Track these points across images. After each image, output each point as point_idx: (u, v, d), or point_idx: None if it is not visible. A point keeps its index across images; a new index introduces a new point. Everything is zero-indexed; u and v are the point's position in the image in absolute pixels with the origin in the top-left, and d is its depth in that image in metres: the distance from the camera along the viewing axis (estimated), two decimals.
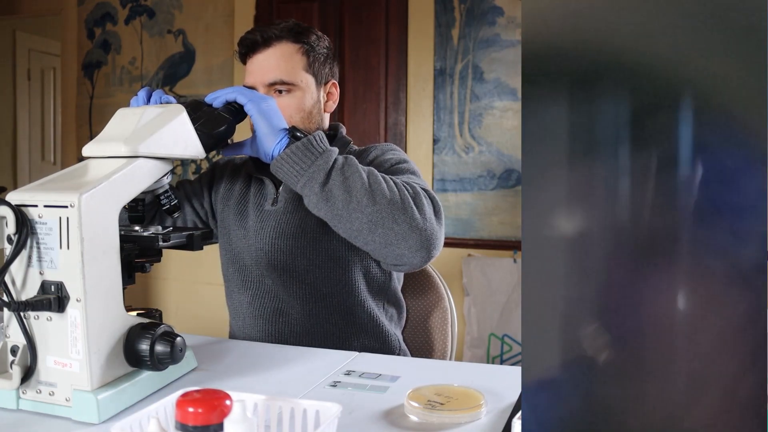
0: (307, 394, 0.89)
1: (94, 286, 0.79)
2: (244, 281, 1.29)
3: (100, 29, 3.47)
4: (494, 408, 0.83)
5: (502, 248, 2.74)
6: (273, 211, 1.27)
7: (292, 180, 1.04)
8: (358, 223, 1.01)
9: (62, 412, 0.80)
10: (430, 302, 1.42)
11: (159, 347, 0.84)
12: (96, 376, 0.79)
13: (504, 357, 2.69)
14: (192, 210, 1.38)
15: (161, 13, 3.33)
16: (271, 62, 1.24)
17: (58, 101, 4.39)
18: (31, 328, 0.81)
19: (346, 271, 1.24)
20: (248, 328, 1.28)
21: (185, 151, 0.99)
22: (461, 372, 1.03)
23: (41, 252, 0.79)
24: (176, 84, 3.28)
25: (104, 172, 0.85)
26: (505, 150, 2.73)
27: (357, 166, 1.04)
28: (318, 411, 0.66)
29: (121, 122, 0.96)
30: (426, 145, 2.84)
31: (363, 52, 2.90)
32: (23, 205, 0.80)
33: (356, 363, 1.03)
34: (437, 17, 2.80)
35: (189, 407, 0.51)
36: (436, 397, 0.82)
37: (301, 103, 1.26)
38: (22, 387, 0.81)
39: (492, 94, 2.74)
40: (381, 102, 2.90)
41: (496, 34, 2.72)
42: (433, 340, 1.41)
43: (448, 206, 2.79)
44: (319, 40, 1.29)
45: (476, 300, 2.72)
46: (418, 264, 1.06)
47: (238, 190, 1.34)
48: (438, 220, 1.06)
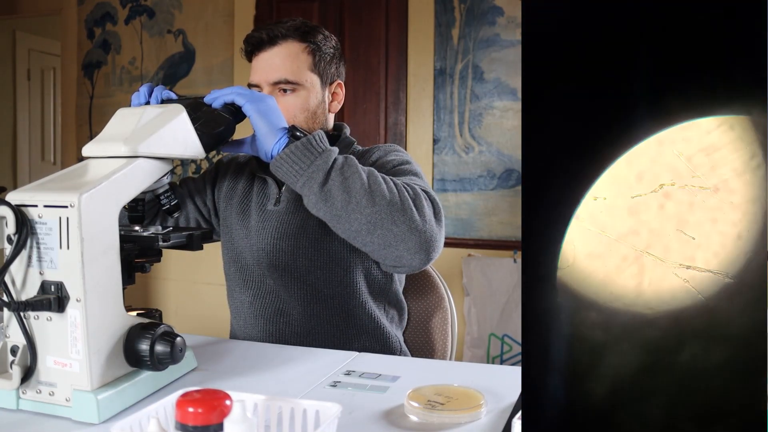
0: (307, 394, 0.89)
1: (94, 286, 0.79)
2: (246, 281, 1.29)
3: (100, 29, 3.46)
4: (494, 408, 0.83)
5: (502, 248, 2.74)
6: (275, 211, 1.26)
7: (291, 180, 1.03)
8: (357, 224, 1.01)
9: (62, 412, 0.80)
10: (430, 302, 1.42)
11: (159, 347, 0.84)
12: (96, 376, 0.79)
13: (504, 357, 2.69)
14: (194, 207, 1.38)
15: (161, 13, 3.33)
16: (277, 61, 1.24)
17: (58, 101, 4.39)
18: (31, 328, 0.80)
19: (347, 273, 1.24)
20: (249, 327, 1.28)
21: (185, 151, 0.99)
22: (461, 372, 1.03)
23: (41, 252, 0.79)
24: (176, 84, 3.28)
25: (104, 172, 0.85)
26: (505, 150, 2.73)
27: (357, 166, 1.03)
28: (318, 411, 0.66)
29: (121, 122, 0.96)
30: (426, 145, 2.84)
31: (363, 52, 2.90)
32: (23, 205, 0.80)
33: (356, 363, 1.03)
34: (437, 17, 2.80)
35: (189, 407, 0.51)
36: (436, 397, 0.82)
37: (306, 102, 1.26)
38: (22, 387, 0.81)
39: (492, 94, 2.74)
40: (381, 102, 2.90)
41: (496, 34, 2.72)
42: (433, 340, 1.41)
43: (448, 206, 2.79)
44: (326, 40, 1.29)
45: (476, 300, 2.71)
46: (417, 266, 1.05)
47: (241, 189, 1.34)
48: (438, 222, 1.06)
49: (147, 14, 3.35)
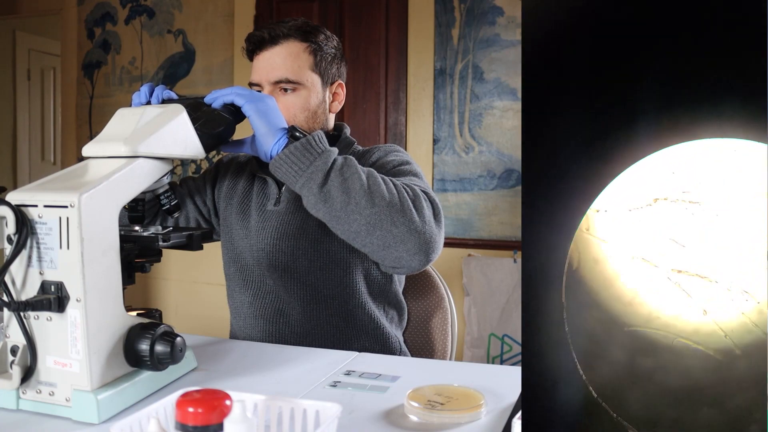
0: (307, 394, 0.89)
1: (94, 286, 0.79)
2: (245, 281, 1.29)
3: (100, 29, 3.46)
4: (494, 408, 0.83)
5: (502, 248, 2.74)
6: (275, 211, 1.26)
7: (290, 180, 1.03)
8: (356, 224, 1.01)
9: (62, 412, 0.79)
10: (430, 303, 1.42)
11: (159, 347, 0.84)
12: (96, 376, 0.79)
13: (504, 357, 2.69)
14: (194, 207, 1.38)
15: (161, 13, 3.33)
16: (278, 60, 1.24)
17: (58, 101, 4.39)
18: (31, 328, 0.80)
19: (346, 273, 1.24)
20: (249, 328, 1.28)
21: (185, 151, 0.99)
22: (461, 372, 1.03)
23: (41, 252, 0.79)
24: (176, 84, 3.28)
25: (104, 172, 0.85)
26: (505, 150, 2.73)
27: (356, 167, 1.03)
28: (318, 411, 0.66)
29: (120, 122, 0.96)
30: (426, 145, 2.84)
31: (363, 52, 2.90)
32: (23, 205, 0.80)
33: (356, 363, 1.03)
34: (437, 17, 2.80)
35: (189, 407, 0.51)
36: (436, 397, 0.82)
37: (306, 102, 1.26)
38: (22, 387, 0.81)
39: (492, 94, 2.74)
40: (381, 102, 2.90)
41: (496, 34, 2.72)
42: (433, 340, 1.41)
43: (448, 206, 2.79)
44: (327, 40, 1.29)
45: (476, 300, 2.71)
46: (417, 267, 1.05)
47: (241, 189, 1.34)
48: (437, 223, 1.06)
49: (147, 14, 3.35)
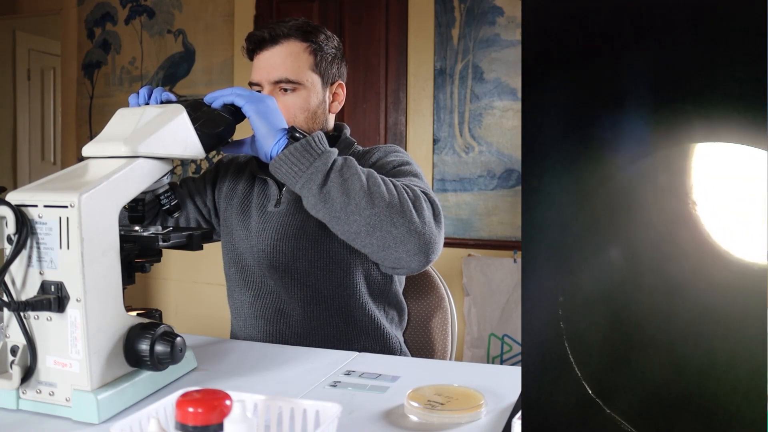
0: (307, 394, 0.89)
1: (94, 286, 0.79)
2: (246, 281, 1.29)
3: (100, 29, 3.46)
4: (494, 408, 0.83)
5: (502, 248, 2.74)
6: (276, 212, 1.26)
7: (290, 181, 1.03)
8: (356, 225, 1.01)
9: (62, 412, 0.80)
10: (430, 303, 1.42)
11: (159, 347, 0.84)
12: (96, 376, 0.79)
13: (504, 357, 2.69)
14: (194, 207, 1.38)
15: (161, 13, 3.33)
16: (278, 60, 1.24)
17: (58, 101, 4.39)
18: (31, 328, 0.80)
19: (347, 274, 1.24)
20: (249, 328, 1.28)
21: (185, 151, 0.99)
22: (461, 372, 1.03)
23: (41, 252, 0.79)
24: (176, 84, 3.28)
25: (104, 172, 0.85)
26: (505, 150, 2.73)
27: (356, 167, 1.03)
28: (318, 411, 0.66)
29: (120, 122, 0.96)
30: (426, 145, 2.84)
31: (363, 52, 2.90)
32: (23, 205, 0.80)
33: (356, 363, 1.03)
34: (437, 17, 2.80)
35: (189, 407, 0.51)
36: (436, 397, 0.82)
37: (306, 102, 1.26)
38: (22, 387, 0.81)
39: (492, 94, 2.73)
40: (381, 102, 2.90)
41: (496, 34, 2.72)
42: (433, 340, 1.41)
43: (448, 206, 2.79)
44: (327, 40, 1.28)
45: (476, 300, 2.71)
46: (417, 268, 1.05)
47: (241, 190, 1.33)
48: (437, 223, 1.06)
49: (147, 14, 3.35)
